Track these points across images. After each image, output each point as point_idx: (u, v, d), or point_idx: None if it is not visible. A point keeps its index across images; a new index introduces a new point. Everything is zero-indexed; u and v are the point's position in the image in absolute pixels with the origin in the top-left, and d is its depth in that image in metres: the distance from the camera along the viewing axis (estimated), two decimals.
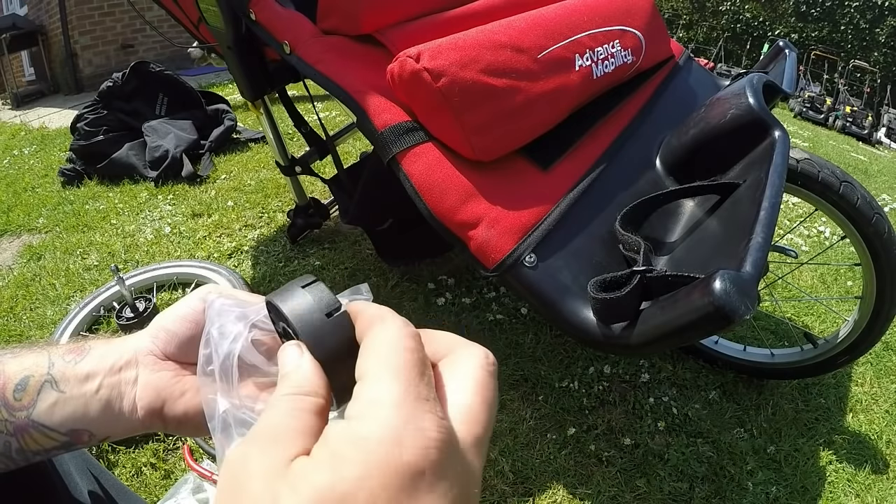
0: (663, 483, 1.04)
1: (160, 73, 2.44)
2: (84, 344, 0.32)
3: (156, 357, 0.31)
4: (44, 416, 0.30)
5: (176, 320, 0.32)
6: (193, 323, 0.31)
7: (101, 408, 0.30)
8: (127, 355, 0.31)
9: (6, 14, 5.39)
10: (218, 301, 0.30)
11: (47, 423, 0.30)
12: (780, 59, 1.16)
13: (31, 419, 0.29)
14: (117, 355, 0.31)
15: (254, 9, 1.00)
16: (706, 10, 7.85)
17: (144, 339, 0.32)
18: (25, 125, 3.52)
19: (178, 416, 0.31)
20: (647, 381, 1.26)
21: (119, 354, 0.31)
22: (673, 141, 0.97)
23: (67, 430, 0.30)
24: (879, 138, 6.01)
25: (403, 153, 0.77)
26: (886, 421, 1.22)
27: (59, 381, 0.30)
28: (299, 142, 2.35)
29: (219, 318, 0.29)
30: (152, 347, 0.31)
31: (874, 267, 1.01)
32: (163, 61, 2.66)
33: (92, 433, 0.31)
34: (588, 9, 0.96)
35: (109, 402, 0.30)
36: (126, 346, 0.32)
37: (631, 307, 0.63)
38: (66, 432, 0.30)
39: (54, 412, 0.30)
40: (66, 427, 0.30)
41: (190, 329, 0.31)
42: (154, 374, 0.31)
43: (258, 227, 1.86)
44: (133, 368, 0.31)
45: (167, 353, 0.32)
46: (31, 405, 0.30)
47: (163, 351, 0.32)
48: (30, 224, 2.01)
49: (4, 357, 0.31)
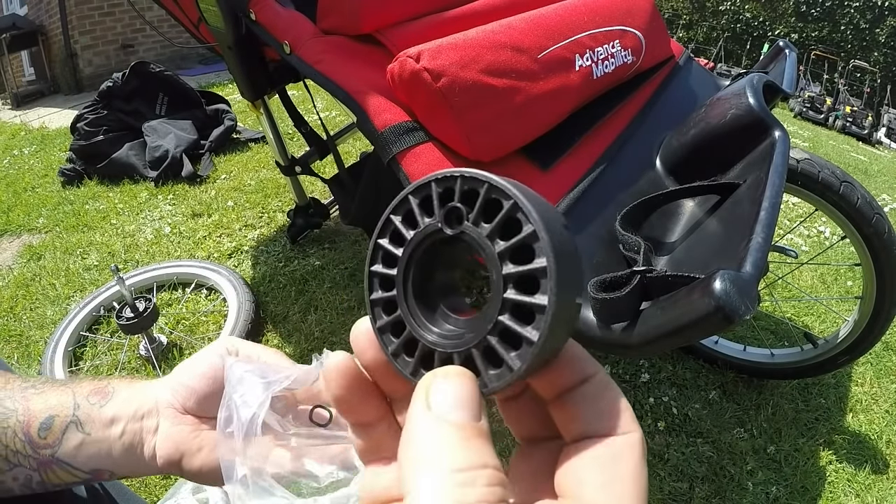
0: (663, 483, 1.04)
1: (160, 73, 2.44)
2: (107, 385, 0.33)
3: (175, 410, 0.32)
4: (68, 455, 0.31)
5: (195, 377, 0.33)
6: (212, 380, 0.32)
7: (123, 451, 0.32)
8: (148, 404, 0.32)
9: (6, 14, 5.39)
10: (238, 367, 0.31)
11: (71, 462, 0.31)
12: (780, 59, 1.16)
13: (55, 457, 0.31)
14: (140, 402, 0.32)
15: (254, 9, 1.00)
16: (706, 10, 7.85)
17: (165, 392, 0.33)
18: (25, 125, 3.52)
19: (195, 469, 0.32)
20: (647, 381, 1.26)
21: (141, 402, 0.32)
22: (673, 141, 0.97)
23: (90, 469, 0.31)
24: (879, 138, 6.00)
25: (403, 153, 0.77)
26: (886, 421, 1.22)
27: (84, 422, 0.31)
28: (299, 142, 2.35)
29: (240, 386, 0.30)
30: (172, 401, 0.33)
31: (874, 267, 1.01)
32: (163, 61, 2.66)
33: (113, 472, 0.32)
34: (588, 9, 0.96)
35: (132, 447, 0.32)
36: (148, 393, 0.33)
37: (631, 307, 0.63)
38: (89, 471, 0.31)
39: (79, 452, 0.31)
40: (90, 466, 0.31)
41: (209, 386, 0.32)
42: (174, 427, 0.32)
43: (258, 227, 1.86)
44: (154, 417, 0.32)
45: (186, 408, 0.33)
46: (56, 444, 0.31)
47: (182, 405, 0.33)
48: (30, 224, 2.01)
49: (28, 393, 0.32)
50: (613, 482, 0.16)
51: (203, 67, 4.81)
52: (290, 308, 1.47)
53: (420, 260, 0.18)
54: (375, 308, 0.19)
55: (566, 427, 0.18)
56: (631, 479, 0.16)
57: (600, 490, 0.16)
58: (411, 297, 0.18)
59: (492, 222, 0.16)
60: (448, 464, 0.14)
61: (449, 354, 0.17)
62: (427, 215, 0.18)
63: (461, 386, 0.16)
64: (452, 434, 0.15)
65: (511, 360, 0.16)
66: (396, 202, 0.18)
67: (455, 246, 0.17)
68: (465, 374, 0.16)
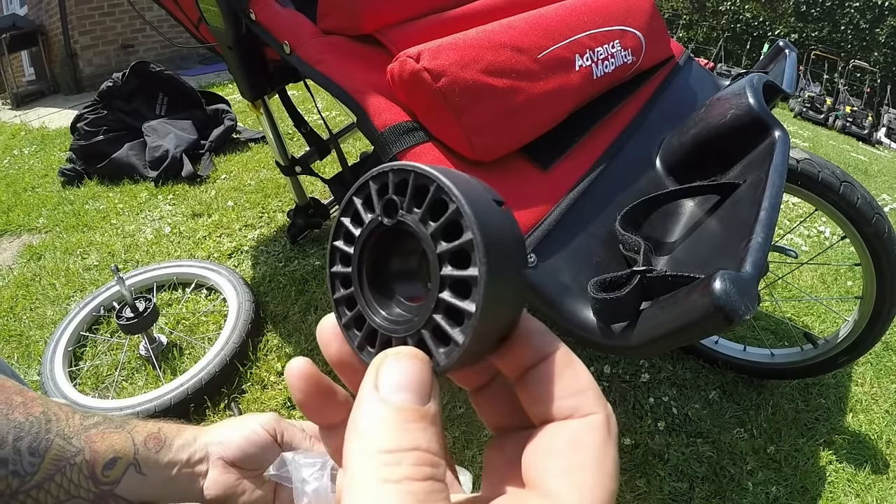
0: (663, 483, 1.04)
1: (160, 72, 2.44)
2: (160, 432, 0.39)
3: (223, 461, 0.39)
4: (125, 492, 0.36)
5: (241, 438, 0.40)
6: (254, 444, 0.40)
7: (174, 490, 0.38)
8: (200, 453, 0.39)
9: (6, 14, 5.39)
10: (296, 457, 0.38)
11: (127, 496, 0.36)
12: (780, 59, 1.16)
13: (113, 493, 0.36)
14: (193, 450, 0.39)
15: (254, 9, 1.00)
16: (706, 10, 7.85)
17: (215, 446, 0.40)
18: (25, 125, 3.52)
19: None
20: (647, 381, 1.26)
21: (195, 450, 0.39)
22: (673, 141, 0.97)
23: (140, 499, 0.37)
24: (879, 138, 6.00)
25: (404, 153, 0.77)
26: (886, 421, 1.22)
27: (143, 465, 0.37)
28: (299, 142, 2.35)
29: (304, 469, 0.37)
30: (221, 453, 0.39)
31: (874, 267, 1.01)
32: (163, 61, 2.66)
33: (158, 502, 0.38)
34: (588, 9, 0.95)
35: (182, 486, 0.38)
36: (200, 443, 0.40)
37: (631, 307, 0.63)
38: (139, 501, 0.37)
39: (135, 489, 0.36)
40: (140, 499, 0.37)
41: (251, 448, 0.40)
42: (222, 476, 0.39)
43: (258, 227, 1.86)
44: (205, 464, 0.39)
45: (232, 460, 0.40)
46: (117, 482, 0.36)
47: (230, 458, 0.40)
48: (30, 224, 2.01)
49: (91, 434, 0.37)
50: (573, 469, 0.16)
51: (203, 67, 4.81)
52: (290, 308, 1.47)
53: (371, 254, 0.19)
54: (339, 307, 0.20)
55: (530, 410, 0.18)
56: (592, 466, 0.16)
57: (561, 478, 0.16)
58: (367, 290, 0.19)
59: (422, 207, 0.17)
60: (378, 444, 0.15)
61: (403, 338, 0.17)
62: (370, 211, 0.18)
63: (409, 367, 0.16)
64: (390, 416, 0.15)
65: (455, 335, 0.16)
66: (344, 204, 0.19)
67: (403, 235, 0.18)
68: (417, 356, 0.16)
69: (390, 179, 0.18)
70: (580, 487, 0.15)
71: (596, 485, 0.16)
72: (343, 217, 0.20)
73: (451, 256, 0.16)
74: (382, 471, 0.14)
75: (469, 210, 0.16)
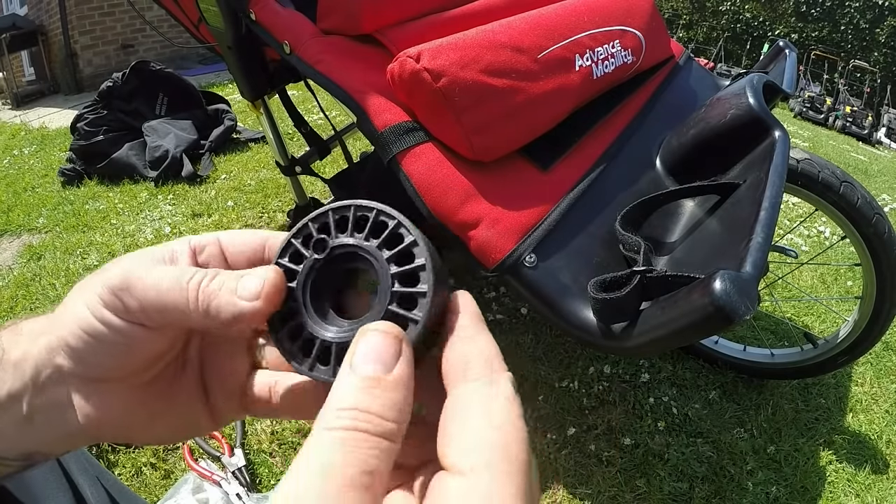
0: (663, 483, 1.04)
1: (160, 71, 2.44)
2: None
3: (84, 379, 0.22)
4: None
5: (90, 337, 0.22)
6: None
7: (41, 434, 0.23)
8: (47, 370, 0.22)
9: (6, 14, 5.39)
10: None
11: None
12: (780, 59, 1.16)
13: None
14: (34, 364, 0.22)
15: (254, 9, 1.00)
16: (706, 10, 7.85)
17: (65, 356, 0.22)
18: (25, 125, 3.52)
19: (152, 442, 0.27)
20: (647, 381, 1.26)
21: (35, 363, 0.22)
22: (673, 141, 0.97)
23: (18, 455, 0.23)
24: (879, 138, 6.00)
25: (404, 153, 0.77)
26: (886, 421, 1.22)
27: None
28: (299, 142, 2.35)
29: None
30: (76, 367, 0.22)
31: (874, 267, 1.01)
32: (163, 61, 2.65)
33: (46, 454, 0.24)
34: (588, 9, 0.96)
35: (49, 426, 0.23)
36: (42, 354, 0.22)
37: (631, 307, 0.63)
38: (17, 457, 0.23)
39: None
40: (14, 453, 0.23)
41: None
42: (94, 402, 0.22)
43: (258, 227, 1.86)
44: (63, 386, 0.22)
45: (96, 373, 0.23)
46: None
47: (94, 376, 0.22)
48: (30, 224, 2.01)
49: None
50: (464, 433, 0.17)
51: (203, 67, 4.81)
52: None
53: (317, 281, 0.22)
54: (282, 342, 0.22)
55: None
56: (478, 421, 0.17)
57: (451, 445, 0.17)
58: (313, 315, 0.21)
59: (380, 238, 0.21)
60: (335, 403, 0.17)
61: None
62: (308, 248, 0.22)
63: (375, 338, 0.18)
64: (354, 382, 0.17)
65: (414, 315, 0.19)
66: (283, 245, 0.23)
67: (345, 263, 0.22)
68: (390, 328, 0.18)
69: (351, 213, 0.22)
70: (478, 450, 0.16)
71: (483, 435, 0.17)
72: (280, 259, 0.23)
73: (401, 277, 0.20)
74: (327, 421, 0.16)
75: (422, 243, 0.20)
